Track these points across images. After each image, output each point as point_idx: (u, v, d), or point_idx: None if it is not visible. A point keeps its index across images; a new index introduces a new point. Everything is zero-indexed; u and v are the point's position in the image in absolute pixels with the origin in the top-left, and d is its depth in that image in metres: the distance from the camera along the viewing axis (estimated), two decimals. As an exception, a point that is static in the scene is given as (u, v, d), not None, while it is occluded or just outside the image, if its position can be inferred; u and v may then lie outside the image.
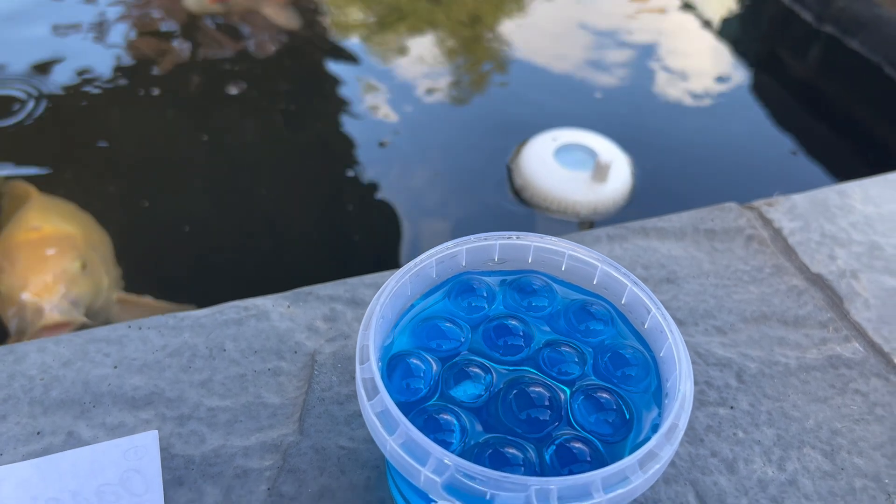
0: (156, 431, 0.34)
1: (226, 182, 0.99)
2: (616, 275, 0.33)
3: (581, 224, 0.96)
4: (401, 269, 0.32)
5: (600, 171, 0.94)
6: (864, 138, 1.08)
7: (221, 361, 0.39)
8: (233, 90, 1.05)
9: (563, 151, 1.00)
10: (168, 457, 0.34)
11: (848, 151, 1.07)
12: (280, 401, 0.38)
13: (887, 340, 0.44)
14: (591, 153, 0.99)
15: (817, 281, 0.47)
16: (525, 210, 0.97)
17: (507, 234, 0.34)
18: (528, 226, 0.96)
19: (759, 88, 1.17)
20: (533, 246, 0.35)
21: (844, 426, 0.39)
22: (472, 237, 0.34)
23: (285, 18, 1.22)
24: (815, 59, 1.18)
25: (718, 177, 1.04)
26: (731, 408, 0.39)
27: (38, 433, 0.35)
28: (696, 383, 0.40)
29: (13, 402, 0.37)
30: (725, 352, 0.42)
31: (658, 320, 0.31)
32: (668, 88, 1.18)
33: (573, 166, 0.97)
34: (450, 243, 0.34)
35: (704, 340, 0.42)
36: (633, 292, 0.33)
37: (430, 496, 0.26)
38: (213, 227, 0.91)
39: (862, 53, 1.13)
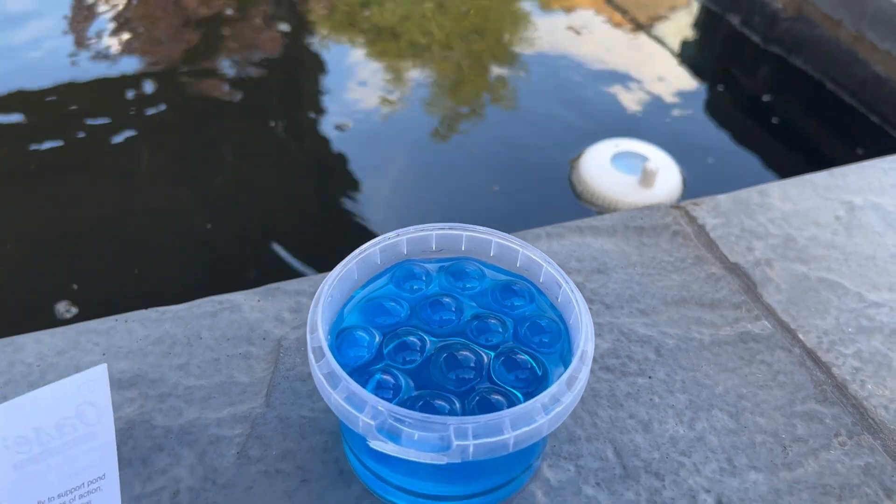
0: (105, 365, 0.39)
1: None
2: (534, 257, 0.39)
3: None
4: (348, 256, 0.38)
5: (647, 177, 1.03)
6: (810, 146, 1.16)
7: (198, 348, 0.44)
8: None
9: (620, 157, 1.09)
10: (149, 427, 0.39)
11: (802, 159, 1.15)
12: (249, 380, 0.43)
13: (794, 318, 0.49)
14: (645, 160, 1.08)
15: (734, 269, 0.53)
16: (577, 206, 1.06)
17: (441, 224, 0.40)
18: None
19: (718, 104, 1.25)
20: (465, 235, 0.40)
21: (749, 391, 0.44)
22: (411, 228, 0.39)
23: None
24: (764, 77, 1.26)
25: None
26: (650, 378, 0.44)
27: (35, 411, 0.40)
28: (618, 357, 0.45)
29: (13, 385, 0.41)
30: (647, 330, 0.47)
31: (567, 294, 0.37)
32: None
33: (626, 170, 1.07)
34: (391, 233, 0.39)
35: (628, 321, 0.48)
36: (548, 271, 0.38)
37: (368, 439, 0.31)
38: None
39: (806, 71, 1.21)
